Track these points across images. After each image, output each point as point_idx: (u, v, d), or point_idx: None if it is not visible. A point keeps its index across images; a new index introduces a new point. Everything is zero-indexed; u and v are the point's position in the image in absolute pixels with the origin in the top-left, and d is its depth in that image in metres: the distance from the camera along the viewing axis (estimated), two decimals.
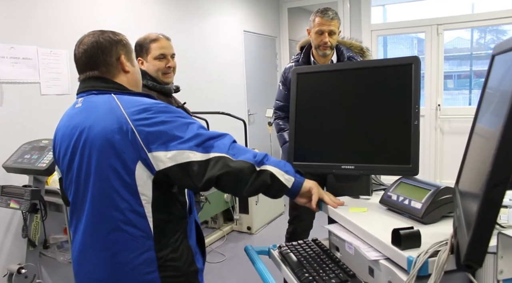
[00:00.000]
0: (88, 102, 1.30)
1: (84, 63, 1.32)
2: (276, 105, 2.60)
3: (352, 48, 2.53)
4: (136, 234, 1.23)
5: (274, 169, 1.28)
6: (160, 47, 2.04)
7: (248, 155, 1.26)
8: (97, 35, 1.33)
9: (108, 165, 1.20)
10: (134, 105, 1.23)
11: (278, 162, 1.31)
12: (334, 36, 2.36)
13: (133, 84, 1.37)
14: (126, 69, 1.34)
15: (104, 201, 1.22)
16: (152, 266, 1.25)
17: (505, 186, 0.71)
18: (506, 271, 0.95)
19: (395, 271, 1.05)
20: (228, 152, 1.22)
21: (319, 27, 2.34)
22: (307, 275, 1.21)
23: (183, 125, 1.23)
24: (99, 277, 1.26)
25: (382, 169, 1.44)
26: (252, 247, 1.51)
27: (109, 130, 1.20)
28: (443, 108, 5.27)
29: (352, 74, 1.52)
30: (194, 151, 1.20)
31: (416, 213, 1.23)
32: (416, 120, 1.39)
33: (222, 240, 4.04)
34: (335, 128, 1.51)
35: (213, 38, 4.79)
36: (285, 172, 1.31)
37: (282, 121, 2.54)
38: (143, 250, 1.24)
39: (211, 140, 1.23)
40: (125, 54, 1.35)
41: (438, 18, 5.29)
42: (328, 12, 2.36)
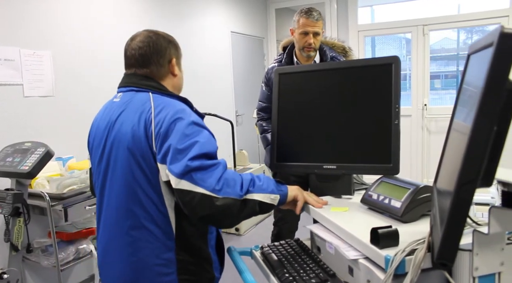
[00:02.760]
0: (126, 98, 1.32)
1: (137, 60, 1.33)
2: (259, 106, 2.58)
3: (335, 48, 2.53)
4: (157, 232, 1.24)
5: (260, 196, 1.26)
6: None
7: (236, 188, 1.22)
8: (152, 35, 1.35)
9: (135, 162, 1.23)
10: (165, 112, 1.23)
11: (261, 185, 1.28)
12: (318, 37, 2.36)
13: (176, 88, 1.40)
14: (175, 72, 1.37)
15: (129, 196, 1.24)
16: (171, 267, 1.26)
17: (475, 184, 0.72)
18: (481, 268, 0.96)
19: (373, 270, 1.05)
20: (214, 188, 1.17)
21: (304, 28, 2.33)
22: (287, 275, 1.21)
23: (187, 147, 1.19)
24: (121, 272, 1.28)
25: (363, 168, 1.45)
26: (235, 248, 1.50)
27: (136, 130, 1.23)
28: (429, 108, 5.31)
29: (333, 74, 1.52)
30: (180, 179, 1.17)
31: (395, 212, 1.23)
32: (396, 120, 1.39)
33: None
34: (316, 129, 1.51)
35: (200, 39, 4.78)
36: (270, 193, 1.29)
37: (265, 122, 2.53)
38: (164, 250, 1.25)
39: (201, 171, 1.18)
40: (176, 58, 1.38)
41: (423, 18, 5.34)
42: (313, 13, 2.34)
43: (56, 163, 2.77)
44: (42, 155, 2.28)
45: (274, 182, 1.34)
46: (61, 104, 3.03)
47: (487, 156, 0.72)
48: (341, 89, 1.49)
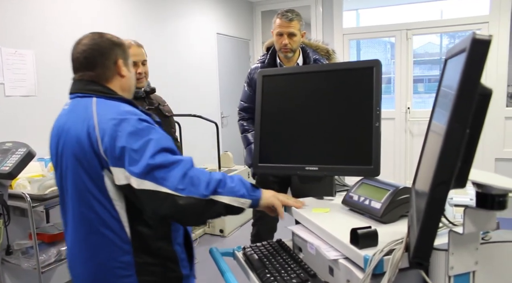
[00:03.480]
0: (72, 105, 1.33)
1: (81, 63, 1.33)
2: (241, 106, 2.59)
3: (318, 50, 2.53)
4: (112, 237, 1.24)
5: (228, 198, 1.24)
6: (131, 55, 2.11)
7: (200, 187, 1.19)
8: (97, 37, 1.34)
9: (82, 169, 1.23)
10: (109, 115, 1.23)
11: (232, 187, 1.26)
12: (295, 38, 2.33)
13: (126, 89, 1.39)
14: (122, 73, 1.36)
15: (81, 202, 1.25)
16: (130, 269, 1.26)
17: (449, 184, 0.74)
18: (457, 267, 0.98)
19: (353, 270, 1.07)
20: (177, 187, 1.16)
21: (278, 29, 2.32)
22: (269, 276, 1.22)
23: (142, 146, 1.19)
24: (83, 275, 1.30)
25: (345, 170, 1.47)
26: (217, 249, 1.51)
27: (80, 137, 1.23)
28: (412, 111, 5.39)
29: (316, 77, 1.54)
30: (142, 179, 1.15)
31: (375, 212, 1.26)
32: (377, 122, 1.42)
33: (195, 243, 4.01)
34: (299, 130, 1.53)
35: (185, 40, 4.77)
36: (240, 197, 1.27)
37: (246, 122, 2.53)
38: (120, 253, 1.25)
39: (163, 169, 1.17)
40: (123, 59, 1.37)
41: (407, 23, 5.42)
42: (288, 13, 2.32)
43: (38, 164, 2.74)
44: (23, 155, 2.25)
45: (249, 185, 1.32)
46: (44, 104, 3.00)
47: (460, 158, 0.74)
48: (323, 92, 1.51)
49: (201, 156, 4.79)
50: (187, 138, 4.09)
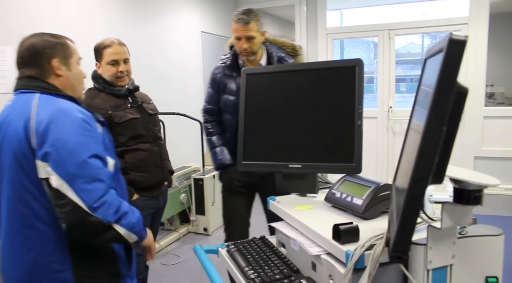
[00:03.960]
0: (15, 101, 1.36)
1: (19, 63, 1.39)
2: (204, 108, 2.47)
3: (284, 47, 2.41)
4: (47, 231, 1.26)
5: (124, 231, 1.28)
6: (112, 53, 2.12)
7: (110, 212, 1.24)
8: (37, 37, 1.38)
9: (18, 163, 1.26)
10: (47, 110, 1.26)
11: (133, 223, 1.31)
12: (254, 40, 2.19)
13: (67, 88, 1.40)
14: (57, 73, 1.38)
15: (16, 196, 1.27)
16: (65, 264, 1.28)
17: (427, 180, 0.76)
18: (435, 261, 1.01)
19: (335, 265, 1.09)
20: (92, 206, 1.20)
21: (236, 33, 2.21)
22: (252, 272, 1.23)
23: (72, 147, 1.22)
24: (17, 273, 1.29)
25: (328, 168, 1.49)
26: (201, 246, 1.52)
27: (18, 131, 1.26)
28: (394, 110, 5.46)
29: (299, 75, 1.56)
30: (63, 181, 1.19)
31: (357, 209, 1.28)
32: (359, 121, 1.44)
33: (178, 242, 4.00)
34: (282, 128, 1.55)
35: (169, 39, 4.75)
36: (135, 233, 1.32)
37: (210, 125, 2.42)
38: (55, 247, 1.27)
39: (87, 181, 1.20)
40: (60, 58, 1.38)
41: (389, 23, 5.49)
42: (243, 16, 2.18)
43: None
44: None
45: (142, 224, 1.37)
46: None
47: (438, 154, 0.77)
48: (306, 90, 1.53)
49: (185, 154, 4.78)
50: (171, 137, 4.07)
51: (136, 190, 2.13)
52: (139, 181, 2.13)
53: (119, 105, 2.12)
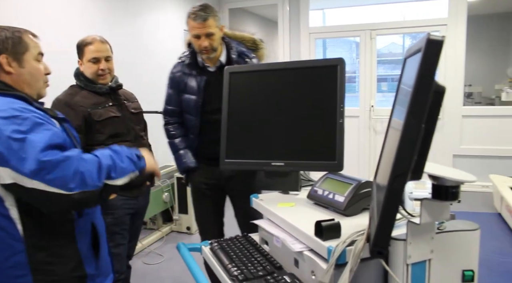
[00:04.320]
0: None
1: None
2: (165, 110, 2.38)
3: (244, 41, 2.31)
4: (3, 236, 1.20)
5: (121, 180, 1.26)
6: (93, 51, 2.10)
7: (92, 180, 1.18)
8: None
9: None
10: None
11: (124, 168, 1.27)
12: (214, 36, 2.09)
13: (22, 86, 1.32)
14: (6, 69, 1.29)
15: None
16: (23, 269, 1.22)
17: (406, 176, 0.78)
18: (414, 256, 1.04)
19: (317, 261, 1.11)
20: (69, 186, 1.14)
21: (194, 31, 2.09)
22: (236, 269, 1.24)
23: (30, 144, 1.14)
24: None
25: (310, 165, 1.51)
26: (184, 244, 1.52)
27: None
28: (376, 109, 5.54)
29: (281, 74, 1.57)
30: (31, 179, 1.12)
31: (339, 206, 1.30)
32: (341, 119, 1.46)
33: (161, 241, 3.98)
34: (265, 127, 1.56)
35: (152, 37, 4.71)
36: (131, 172, 1.30)
37: (172, 127, 2.35)
38: (12, 253, 1.21)
39: (53, 169, 1.13)
40: (10, 53, 1.30)
41: (371, 23, 5.56)
42: (200, 13, 2.07)
43: None
44: None
45: (135, 155, 1.34)
46: None
47: (417, 151, 0.79)
48: (288, 89, 1.54)
49: (168, 153, 4.75)
50: (154, 136, 4.05)
51: None
52: None
53: (99, 103, 2.10)
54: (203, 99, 2.14)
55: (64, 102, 2.05)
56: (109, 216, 2.07)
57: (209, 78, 2.14)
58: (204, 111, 2.16)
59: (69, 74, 2.18)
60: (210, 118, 2.11)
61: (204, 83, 2.14)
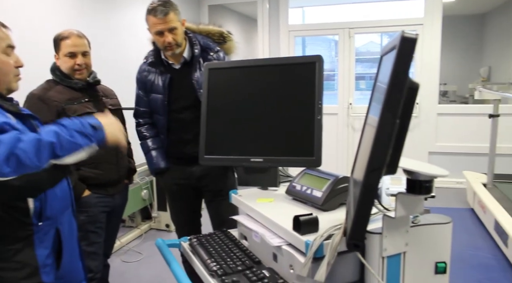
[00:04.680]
0: None
1: None
2: (136, 112, 2.31)
3: (210, 35, 2.22)
4: None
5: (72, 158, 1.17)
6: (70, 45, 2.06)
7: (31, 161, 1.09)
8: None
9: None
10: None
11: (72, 143, 1.18)
12: (177, 31, 2.02)
13: None
14: None
15: None
16: None
17: (381, 170, 0.80)
18: (389, 248, 1.06)
19: (295, 255, 1.13)
20: (3, 172, 1.06)
21: (155, 28, 2.02)
22: (215, 264, 1.24)
23: None
24: None
25: (288, 161, 1.52)
26: (163, 240, 1.51)
27: None
28: (354, 107, 5.61)
29: (261, 70, 1.58)
30: None
31: (317, 201, 1.32)
32: (319, 115, 1.48)
33: (140, 239, 3.95)
34: (244, 123, 1.56)
35: (131, 33, 4.65)
36: (85, 146, 1.20)
37: (144, 128, 2.28)
38: None
39: None
40: None
41: (349, 22, 5.62)
42: (160, 7, 1.99)
43: None
44: None
45: (89, 126, 1.23)
46: None
47: (391, 146, 0.81)
48: (267, 85, 1.55)
49: None
50: (133, 133, 4.00)
51: (88, 187, 2.08)
52: (91, 177, 2.07)
53: (75, 99, 2.07)
54: (168, 97, 2.10)
55: (37, 97, 2.01)
56: (83, 214, 2.04)
57: (174, 76, 2.09)
58: (170, 110, 2.11)
59: (46, 69, 2.14)
60: (177, 117, 2.09)
61: (168, 81, 2.09)
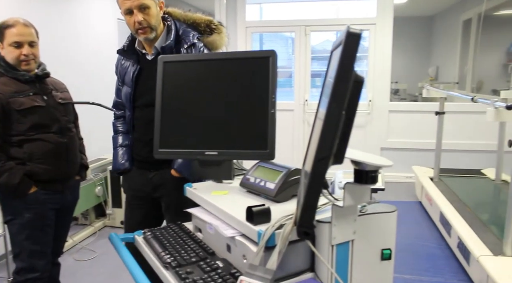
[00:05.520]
0: None
1: None
2: (114, 103, 2.17)
3: (195, 24, 1.97)
4: None
5: None
6: (15, 34, 1.98)
7: None
8: None
9: None
10: None
11: None
12: (149, 10, 1.80)
13: None
14: None
15: None
16: None
17: (328, 159, 0.84)
18: (338, 237, 1.11)
19: (248, 245, 1.15)
20: None
21: (124, 5, 1.79)
22: (169, 256, 1.25)
23: None
24: None
25: (243, 154, 1.54)
26: (117, 234, 1.49)
27: None
28: (310, 103, 5.72)
29: (215, 64, 1.59)
30: None
31: (270, 192, 1.35)
32: (272, 109, 1.51)
33: (94, 237, 3.87)
34: (199, 117, 1.57)
35: (84, 26, 4.51)
36: None
37: (119, 122, 2.13)
38: None
39: None
40: None
41: (305, 20, 5.73)
42: None
43: None
44: None
45: None
46: None
47: (338, 136, 0.85)
48: (222, 79, 1.56)
49: (100, 146, 4.59)
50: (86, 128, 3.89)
51: (35, 183, 2.01)
52: (38, 173, 2.00)
53: (21, 91, 1.98)
54: (135, 91, 1.94)
55: None
56: (30, 211, 1.98)
57: (144, 68, 1.93)
58: (135, 106, 1.96)
59: None
60: (140, 115, 1.95)
61: (136, 73, 1.93)
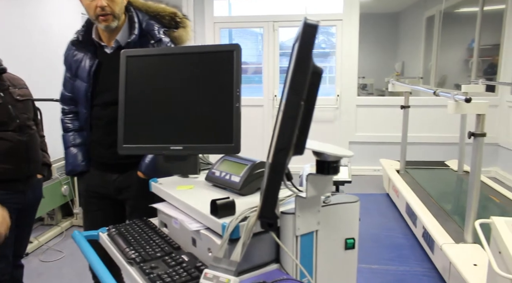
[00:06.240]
0: None
1: None
2: (61, 96, 2.03)
3: (159, 17, 1.86)
4: None
5: None
6: None
7: None
8: None
9: None
10: None
11: None
12: None
13: None
14: None
15: None
16: None
17: (288, 150, 0.85)
18: (302, 228, 1.12)
19: (213, 238, 1.15)
20: None
21: None
22: (133, 252, 1.23)
23: None
24: None
25: (208, 149, 1.53)
26: (80, 232, 1.46)
27: None
28: (278, 99, 5.74)
29: (179, 58, 1.57)
30: None
31: (235, 186, 1.35)
32: (237, 103, 1.51)
33: (61, 237, 3.77)
34: (163, 111, 1.55)
35: (49, 21, 4.38)
36: None
37: (68, 118, 2.00)
38: None
39: None
40: None
41: (273, 15, 5.75)
42: None
43: None
44: None
45: None
46: None
47: (297, 127, 0.86)
48: (186, 73, 1.55)
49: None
50: (50, 126, 3.79)
51: None
52: None
53: None
54: (93, 88, 1.84)
55: None
56: None
57: (103, 62, 1.82)
58: (94, 104, 1.86)
59: None
60: (100, 114, 1.85)
61: (95, 68, 1.82)
